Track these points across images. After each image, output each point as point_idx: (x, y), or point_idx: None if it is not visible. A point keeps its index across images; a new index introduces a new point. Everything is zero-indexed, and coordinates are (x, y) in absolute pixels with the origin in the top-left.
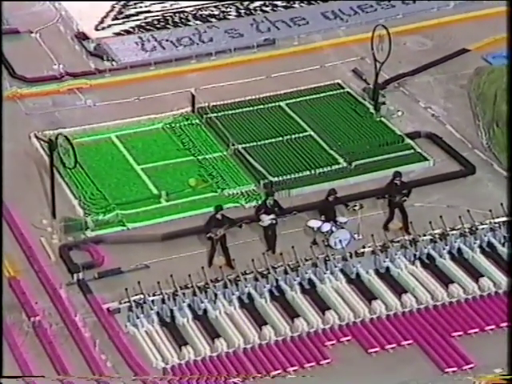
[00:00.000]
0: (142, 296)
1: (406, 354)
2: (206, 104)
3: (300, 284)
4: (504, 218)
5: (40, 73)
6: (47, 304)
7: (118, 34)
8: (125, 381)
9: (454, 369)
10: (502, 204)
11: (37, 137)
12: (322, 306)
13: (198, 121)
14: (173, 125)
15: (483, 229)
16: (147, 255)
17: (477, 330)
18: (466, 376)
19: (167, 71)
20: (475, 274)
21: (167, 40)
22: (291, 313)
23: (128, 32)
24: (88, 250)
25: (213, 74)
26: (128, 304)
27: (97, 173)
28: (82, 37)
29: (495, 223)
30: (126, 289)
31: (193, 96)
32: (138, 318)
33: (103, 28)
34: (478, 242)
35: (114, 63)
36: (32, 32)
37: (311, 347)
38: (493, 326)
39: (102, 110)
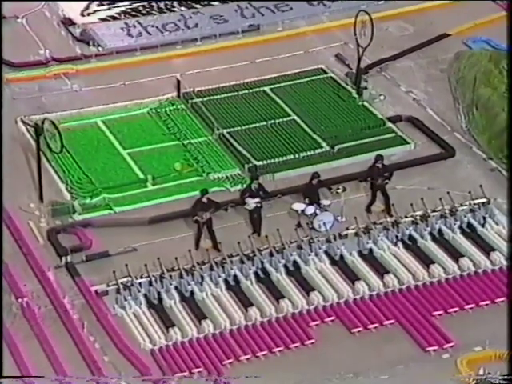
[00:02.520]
0: (129, 278)
1: (389, 334)
2: (192, 89)
3: (285, 266)
4: (483, 200)
5: (26, 58)
6: (36, 286)
7: (103, 20)
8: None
9: (435, 347)
10: (480, 186)
11: (23, 121)
12: (306, 287)
13: (183, 106)
14: (158, 110)
15: (463, 210)
16: (134, 238)
17: (457, 309)
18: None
19: (153, 57)
20: (455, 254)
21: (153, 26)
22: (276, 294)
23: (114, 18)
24: (76, 233)
25: (198, 59)
26: (116, 286)
27: (83, 157)
28: (67, 22)
29: (475, 204)
30: (114, 271)
31: (178, 81)
32: (125, 300)
33: (89, 14)
34: (458, 222)
35: (99, 48)
36: (18, 17)
37: (296, 328)
38: (472, 305)
39: (88, 94)
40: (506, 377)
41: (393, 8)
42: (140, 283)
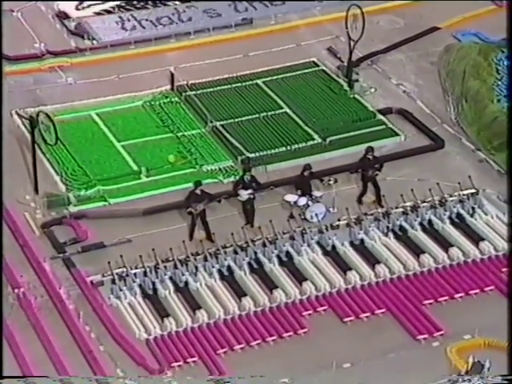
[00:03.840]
0: (124, 269)
1: (380, 323)
2: (185, 82)
3: (278, 256)
4: (472, 190)
5: (21, 51)
6: (32, 277)
7: (98, 14)
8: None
9: (425, 336)
10: (469, 176)
11: (18, 114)
12: (299, 277)
13: (177, 99)
14: (152, 103)
15: (452, 201)
16: (129, 230)
17: (447, 298)
18: (437, 343)
19: (147, 50)
20: (445, 244)
21: (147, 19)
22: (269, 284)
23: (108, 12)
24: (71, 225)
25: (191, 52)
26: (111, 277)
27: (78, 149)
28: (62, 16)
29: (464, 195)
30: (109, 262)
31: (172, 74)
32: (120, 290)
33: (84, 7)
34: (447, 213)
35: (94, 42)
36: (13, 11)
37: (289, 317)
38: (462, 294)
39: (83, 87)
40: (506, 377)
41: (384, 2)
42: (135, 274)
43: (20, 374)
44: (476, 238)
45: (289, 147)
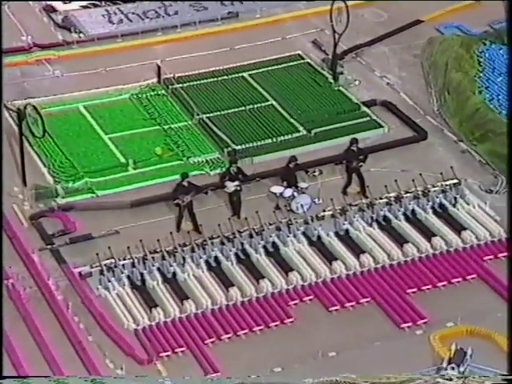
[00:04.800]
0: (112, 260)
1: (365, 311)
2: (172, 75)
3: (264, 247)
4: (454, 181)
5: (9, 44)
6: (21, 268)
7: (85, 7)
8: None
9: (409, 324)
10: (452, 167)
11: (6, 106)
12: (285, 267)
13: (163, 91)
14: (139, 95)
15: (435, 191)
16: (117, 221)
17: (430, 286)
18: (421, 330)
19: (133, 43)
20: (428, 233)
21: (133, 13)
22: (256, 274)
23: (95, 5)
24: (59, 216)
25: (178, 46)
26: (99, 268)
27: (65, 142)
28: (49, 9)
29: (446, 185)
30: (97, 254)
31: (159, 67)
32: (109, 281)
33: (70, 1)
34: (430, 203)
35: (81, 35)
36: (1, 4)
37: (276, 307)
38: (445, 283)
39: (70, 80)
40: (506, 377)
41: None
42: (123, 265)
43: (9, 365)
44: (458, 227)
45: (274, 139)
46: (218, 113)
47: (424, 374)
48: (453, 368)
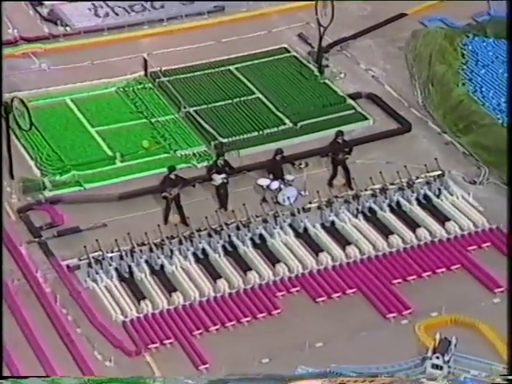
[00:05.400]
0: (100, 253)
1: (351, 302)
2: (158, 68)
3: (251, 239)
4: (438, 172)
5: None
6: (9, 261)
7: (71, 0)
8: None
9: (395, 314)
10: (436, 159)
11: None
12: (272, 259)
13: (150, 85)
14: (126, 88)
15: (419, 182)
16: (104, 214)
17: (415, 276)
18: (406, 320)
19: (120, 36)
20: (413, 224)
21: (119, 6)
22: (243, 266)
23: None
24: (47, 209)
25: (165, 39)
26: (87, 261)
27: (52, 135)
28: (35, 2)
29: (430, 177)
30: (85, 246)
31: (145, 61)
32: (97, 273)
33: None
34: (414, 194)
35: (67, 28)
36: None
37: (263, 298)
38: (429, 273)
39: (57, 73)
40: (506, 377)
41: None
42: (111, 257)
43: None
44: (442, 218)
45: (261, 132)
46: (205, 106)
47: (409, 374)
48: (437, 357)
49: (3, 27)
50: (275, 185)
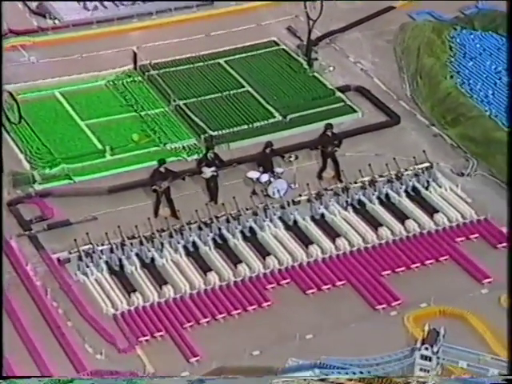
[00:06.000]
0: (90, 246)
1: (341, 294)
2: (148, 62)
3: (241, 232)
4: (426, 164)
5: None
6: None
7: None
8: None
9: (384, 306)
10: (424, 151)
11: None
12: (262, 251)
13: (140, 78)
14: (115, 82)
15: (408, 174)
16: (94, 207)
17: (404, 268)
18: (395, 312)
19: (109, 30)
20: (401, 216)
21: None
22: (234, 259)
23: None
24: (37, 203)
25: (154, 32)
26: (77, 254)
27: (42, 128)
28: None
29: (419, 169)
30: (75, 239)
31: (135, 54)
32: (87, 266)
33: None
34: (403, 186)
35: (56, 22)
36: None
37: (253, 291)
38: (418, 264)
39: (46, 66)
40: (506, 377)
41: None
42: (101, 250)
43: None
44: (431, 210)
45: (250, 125)
46: (195, 99)
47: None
48: (426, 348)
49: None
50: (265, 178)
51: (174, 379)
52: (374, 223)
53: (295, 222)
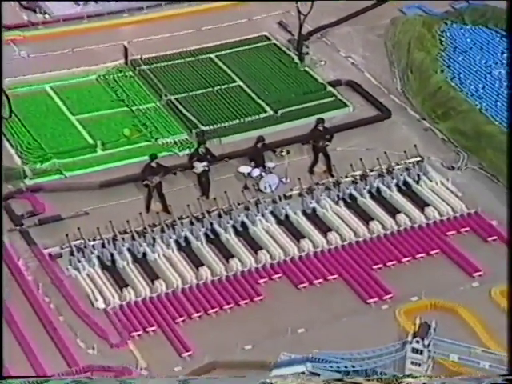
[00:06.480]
0: (82, 241)
1: (332, 288)
2: (139, 56)
3: (233, 226)
4: (417, 158)
5: None
6: None
7: None
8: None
9: (375, 299)
10: (415, 145)
11: None
12: (254, 246)
13: (131, 73)
14: (107, 77)
15: (399, 169)
16: (86, 202)
17: (395, 262)
18: (386, 305)
19: (100, 24)
20: (393, 210)
21: None
22: (226, 254)
23: None
24: (28, 198)
25: (145, 27)
26: (69, 249)
27: (32, 123)
28: None
29: (410, 163)
30: (67, 234)
31: (125, 49)
32: (79, 261)
33: None
34: (394, 181)
35: (46, 16)
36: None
37: (245, 285)
38: (409, 258)
39: (36, 61)
40: (506, 377)
41: None
42: (93, 245)
43: None
44: (421, 203)
45: (242, 120)
46: (186, 94)
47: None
48: (417, 342)
49: None
50: (256, 172)
51: (165, 379)
52: (366, 217)
53: (287, 216)
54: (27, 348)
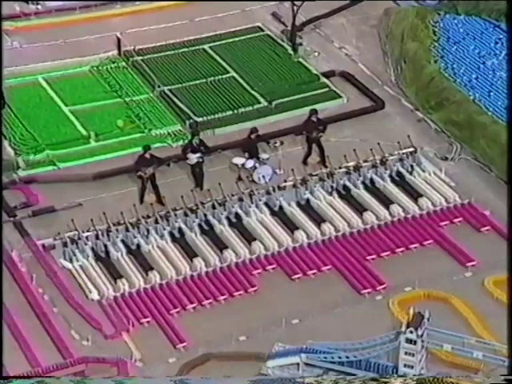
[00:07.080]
0: (76, 232)
1: (326, 279)
2: (132, 47)
3: (227, 218)
4: (410, 149)
5: None
6: None
7: None
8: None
9: (369, 290)
10: (408, 136)
11: None
12: (248, 237)
13: (124, 63)
14: (100, 68)
15: (392, 159)
16: (79, 194)
17: (388, 252)
18: (380, 296)
19: (92, 15)
20: (386, 201)
21: None
22: (220, 245)
23: None
24: (21, 189)
25: (137, 18)
26: (63, 240)
27: (25, 114)
28: None
29: (403, 154)
30: (61, 226)
31: (118, 39)
32: (73, 253)
33: None
34: (388, 171)
35: (39, 7)
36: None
37: (239, 276)
38: (402, 249)
39: (29, 52)
40: (506, 377)
41: None
42: (87, 237)
43: None
44: (415, 194)
45: (236, 111)
46: (179, 85)
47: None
48: (411, 332)
49: None
50: (250, 163)
51: (162, 380)
52: (359, 208)
53: (281, 207)
54: (21, 339)
